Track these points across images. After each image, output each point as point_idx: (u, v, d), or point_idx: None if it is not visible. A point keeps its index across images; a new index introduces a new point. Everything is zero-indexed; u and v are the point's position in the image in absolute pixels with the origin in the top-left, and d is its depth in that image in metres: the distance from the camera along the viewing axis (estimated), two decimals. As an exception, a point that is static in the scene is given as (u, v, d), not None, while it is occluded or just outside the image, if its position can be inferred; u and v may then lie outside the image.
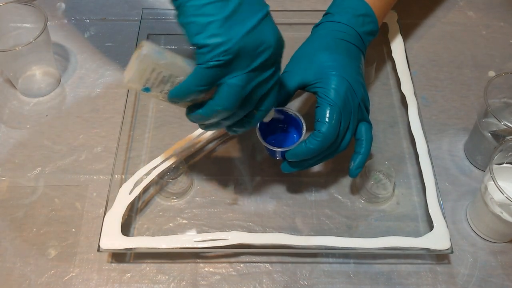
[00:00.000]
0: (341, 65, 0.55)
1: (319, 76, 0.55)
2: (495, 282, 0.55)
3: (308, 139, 0.53)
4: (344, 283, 0.55)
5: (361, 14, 0.58)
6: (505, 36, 0.76)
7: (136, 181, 0.58)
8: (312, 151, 0.53)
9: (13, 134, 0.65)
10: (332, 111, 0.53)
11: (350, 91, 0.54)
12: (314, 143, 0.53)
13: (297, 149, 0.54)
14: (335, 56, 0.55)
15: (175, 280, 0.55)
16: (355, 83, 0.55)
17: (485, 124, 0.59)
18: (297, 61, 0.57)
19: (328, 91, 0.54)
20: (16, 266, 0.55)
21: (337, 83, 0.54)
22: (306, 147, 0.53)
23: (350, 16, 0.58)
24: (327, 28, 0.58)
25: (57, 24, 0.77)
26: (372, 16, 0.59)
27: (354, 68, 0.56)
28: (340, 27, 0.57)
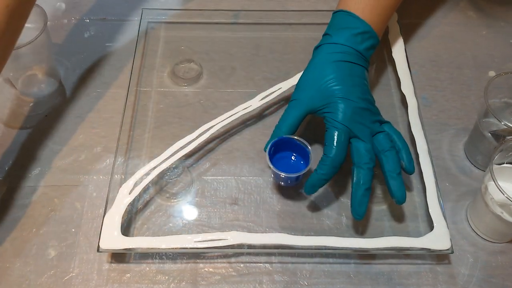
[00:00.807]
0: (346, 88, 0.57)
1: (325, 101, 0.57)
2: (496, 282, 0.55)
3: (318, 165, 0.55)
4: (344, 283, 0.54)
5: (359, 33, 0.59)
6: (505, 36, 0.76)
7: (136, 181, 0.58)
8: (324, 176, 0.55)
9: (13, 134, 0.65)
10: (340, 134, 0.55)
11: (357, 112, 0.56)
12: (324, 169, 0.55)
13: (311, 180, 0.55)
14: (339, 80, 0.57)
15: (175, 280, 0.54)
16: (362, 102, 0.56)
17: (485, 124, 0.59)
18: (303, 88, 0.59)
19: (335, 115, 0.55)
20: (15, 266, 0.55)
21: (344, 106, 0.56)
22: (317, 175, 0.55)
23: (348, 36, 0.59)
24: (327, 51, 0.59)
25: (57, 24, 0.77)
26: (370, 32, 0.60)
27: (359, 87, 0.57)
28: (340, 48, 0.58)
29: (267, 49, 0.73)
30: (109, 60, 0.73)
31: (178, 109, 0.67)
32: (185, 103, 0.68)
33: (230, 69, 0.71)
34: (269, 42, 0.74)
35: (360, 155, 0.55)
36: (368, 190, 0.54)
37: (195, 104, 0.68)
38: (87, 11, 0.79)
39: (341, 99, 0.56)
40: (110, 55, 0.73)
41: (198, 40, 0.74)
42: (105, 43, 0.74)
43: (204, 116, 0.65)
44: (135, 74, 0.69)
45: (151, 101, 0.68)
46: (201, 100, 0.68)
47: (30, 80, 0.69)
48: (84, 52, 0.74)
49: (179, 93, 0.69)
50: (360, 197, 0.54)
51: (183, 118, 0.66)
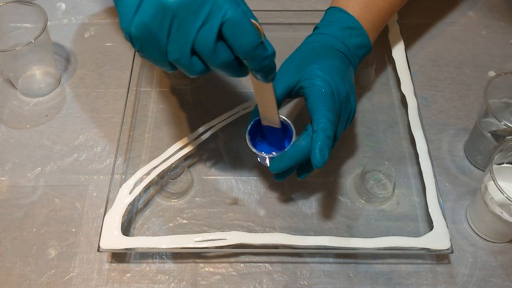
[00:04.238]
0: (324, 65, 0.54)
1: (303, 74, 0.53)
2: (495, 282, 0.55)
3: (318, 128, 0.50)
4: (344, 283, 0.55)
5: (347, 27, 0.58)
6: (505, 36, 0.76)
7: (136, 181, 0.58)
8: (331, 133, 0.50)
9: (13, 134, 0.65)
10: (326, 89, 0.51)
11: (334, 85, 0.53)
12: (327, 127, 0.50)
13: (320, 145, 0.50)
14: (318, 58, 0.54)
15: (175, 280, 0.55)
16: (338, 79, 0.53)
17: (485, 124, 0.59)
18: (283, 69, 0.56)
19: (314, 80, 0.52)
20: (16, 266, 0.55)
21: (321, 74, 0.53)
22: (322, 135, 0.50)
23: (336, 28, 0.58)
24: (313, 39, 0.58)
25: (57, 24, 0.77)
26: (359, 29, 0.58)
27: (339, 69, 0.54)
28: (327, 38, 0.57)
29: (267, 49, 0.73)
30: (109, 60, 0.73)
31: (178, 109, 0.67)
32: (185, 103, 0.68)
33: (230, 69, 0.71)
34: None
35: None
36: (330, 138, 0.50)
37: (195, 104, 0.68)
38: (87, 11, 0.79)
39: (317, 69, 0.53)
40: (110, 55, 0.73)
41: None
42: (105, 43, 0.75)
43: (204, 116, 0.65)
44: (135, 74, 0.69)
45: (151, 101, 0.68)
46: (201, 100, 0.68)
47: (30, 80, 0.69)
48: (84, 52, 0.74)
49: (179, 93, 0.69)
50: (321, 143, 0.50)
51: (183, 118, 0.66)
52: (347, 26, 0.58)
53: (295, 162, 0.52)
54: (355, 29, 0.58)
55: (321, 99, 0.51)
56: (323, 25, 0.59)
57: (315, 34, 0.59)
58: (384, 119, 0.66)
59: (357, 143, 0.64)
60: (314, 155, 0.49)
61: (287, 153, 0.52)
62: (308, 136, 0.51)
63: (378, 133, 0.65)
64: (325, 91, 0.51)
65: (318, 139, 0.50)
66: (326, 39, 0.57)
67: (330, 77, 0.53)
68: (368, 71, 0.68)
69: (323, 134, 0.50)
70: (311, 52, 0.56)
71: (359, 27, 0.58)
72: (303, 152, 0.51)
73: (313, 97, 0.52)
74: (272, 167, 0.53)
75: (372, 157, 0.63)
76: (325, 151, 0.49)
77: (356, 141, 0.64)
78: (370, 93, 0.69)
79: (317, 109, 0.51)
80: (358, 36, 0.58)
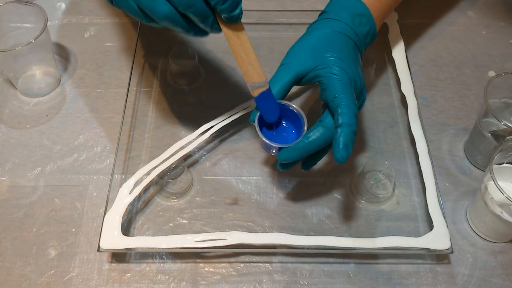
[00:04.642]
0: (340, 53, 0.53)
1: (319, 61, 0.52)
2: (495, 282, 0.55)
3: (342, 121, 0.48)
4: (344, 283, 0.55)
5: (357, 14, 0.56)
6: (505, 36, 0.76)
7: (136, 181, 0.58)
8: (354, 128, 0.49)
9: (13, 134, 0.65)
10: (346, 86, 0.50)
11: (352, 75, 0.52)
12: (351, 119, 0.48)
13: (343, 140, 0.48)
14: (333, 46, 0.53)
15: (175, 280, 0.55)
16: (355, 69, 0.53)
17: (485, 124, 0.59)
18: (294, 52, 0.54)
19: (333, 69, 0.51)
20: (16, 266, 0.55)
21: (339, 63, 0.52)
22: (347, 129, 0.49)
23: (346, 14, 0.56)
24: (323, 24, 0.56)
25: (57, 24, 0.77)
26: (368, 16, 0.57)
27: (353, 58, 0.54)
28: (337, 23, 0.55)
29: (267, 49, 0.73)
30: (109, 60, 0.73)
31: (178, 109, 0.67)
32: (185, 103, 0.68)
33: (230, 69, 0.71)
34: (269, 42, 0.74)
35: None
36: (354, 133, 0.49)
37: (195, 104, 0.68)
38: (87, 11, 0.79)
39: (334, 58, 0.51)
40: (110, 55, 0.73)
41: (198, 40, 0.74)
42: (105, 43, 0.75)
43: (204, 116, 0.65)
44: (135, 74, 0.69)
45: (151, 101, 0.68)
46: (201, 100, 0.68)
47: (30, 80, 0.69)
48: (84, 52, 0.74)
49: (179, 93, 0.69)
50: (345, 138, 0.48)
51: (183, 118, 0.66)
52: (357, 13, 0.56)
53: (306, 153, 0.51)
54: (365, 16, 0.56)
55: (343, 91, 0.50)
56: (332, 10, 0.57)
57: (324, 19, 0.57)
58: (384, 119, 0.66)
59: (357, 143, 0.64)
60: (338, 150, 0.48)
61: (300, 145, 0.50)
62: (323, 127, 0.50)
63: (378, 133, 0.65)
64: (345, 81, 0.50)
65: (343, 133, 0.48)
66: (338, 25, 0.55)
67: (347, 65, 0.51)
68: (368, 71, 0.68)
69: (349, 129, 0.48)
70: (325, 38, 0.54)
71: (368, 14, 0.57)
72: (318, 145, 0.50)
73: (334, 88, 0.50)
74: (281, 157, 0.51)
75: (372, 157, 0.63)
76: (350, 146, 0.48)
77: (356, 141, 0.64)
78: (370, 93, 0.69)
79: (340, 101, 0.49)
80: (366, 24, 0.57)
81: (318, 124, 0.50)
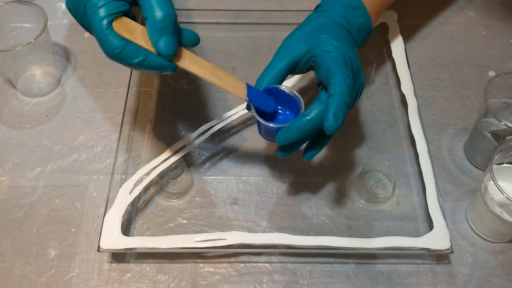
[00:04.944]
0: (334, 35, 0.52)
1: (312, 43, 0.51)
2: (495, 282, 0.55)
3: (334, 91, 0.47)
4: (344, 283, 0.55)
5: (351, 6, 0.56)
6: (505, 36, 0.76)
7: (136, 181, 0.58)
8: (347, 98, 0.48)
9: (13, 134, 0.65)
10: (339, 60, 0.49)
11: (347, 54, 0.51)
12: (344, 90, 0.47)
13: (334, 108, 0.47)
14: (327, 30, 0.52)
15: (175, 280, 0.55)
16: (349, 49, 0.52)
17: (485, 124, 0.59)
18: (288, 41, 0.53)
19: (327, 47, 0.50)
20: (16, 266, 0.55)
21: (333, 42, 0.51)
22: (338, 99, 0.47)
23: (340, 7, 0.55)
24: (318, 15, 0.56)
25: (57, 24, 0.77)
26: (362, 9, 0.57)
27: (348, 42, 0.53)
28: (331, 15, 0.55)
29: (267, 49, 0.73)
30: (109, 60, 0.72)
31: (178, 109, 0.67)
32: (185, 103, 0.68)
33: (230, 69, 0.71)
34: (269, 42, 0.74)
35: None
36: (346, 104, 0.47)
37: (195, 104, 0.68)
38: (87, 11, 0.78)
39: (328, 38, 0.51)
40: (110, 55, 0.73)
41: (198, 40, 0.74)
42: (105, 43, 0.74)
43: (204, 116, 0.65)
44: (135, 74, 0.69)
45: (152, 101, 0.68)
46: (201, 100, 0.68)
47: (30, 80, 0.69)
48: (84, 52, 0.74)
49: (179, 93, 0.69)
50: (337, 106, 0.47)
51: (183, 118, 0.66)
52: (351, 5, 0.56)
53: (304, 133, 0.49)
54: (359, 9, 0.56)
55: (337, 65, 0.49)
56: (326, 4, 0.57)
57: (318, 11, 0.56)
58: (384, 119, 0.66)
59: (357, 143, 0.64)
60: (327, 119, 0.46)
61: (296, 123, 0.48)
62: (320, 103, 0.48)
63: (378, 133, 0.65)
64: (339, 57, 0.49)
65: (333, 102, 0.47)
66: (331, 15, 0.55)
67: (341, 45, 0.51)
68: (368, 71, 0.68)
69: (340, 98, 0.47)
70: (318, 25, 0.53)
71: (362, 7, 0.56)
72: (315, 122, 0.48)
73: (328, 63, 0.49)
74: (279, 138, 0.49)
75: (372, 157, 0.63)
76: (340, 116, 0.47)
77: (356, 141, 0.64)
78: (370, 93, 0.69)
79: (333, 73, 0.48)
80: (361, 17, 0.56)
81: (314, 101, 0.49)
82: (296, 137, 0.49)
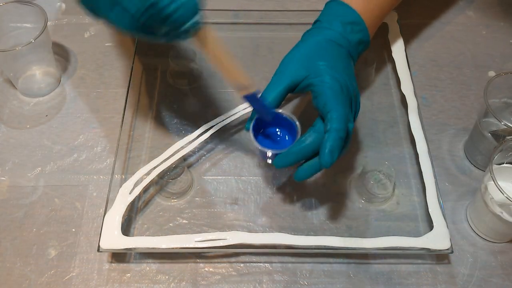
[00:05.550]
0: (332, 62, 0.54)
1: (311, 70, 0.53)
2: (495, 282, 0.55)
3: (331, 125, 0.49)
4: (344, 283, 0.55)
5: (349, 22, 0.58)
6: (505, 36, 0.76)
7: (136, 181, 0.58)
8: (343, 133, 0.50)
9: (13, 134, 0.65)
10: (335, 87, 0.51)
11: (343, 82, 0.53)
12: (340, 124, 0.49)
13: (330, 144, 0.49)
14: (325, 54, 0.54)
15: (175, 280, 0.55)
16: (346, 77, 0.53)
17: (485, 124, 0.59)
18: (288, 62, 0.56)
19: (324, 78, 0.52)
20: (16, 266, 0.55)
21: (330, 72, 0.53)
22: (335, 134, 0.49)
23: (339, 23, 0.57)
24: (316, 32, 0.58)
25: (57, 24, 0.77)
26: (361, 24, 0.58)
27: (345, 66, 0.55)
28: (329, 32, 0.57)
29: (267, 49, 0.73)
30: (109, 60, 0.73)
31: (178, 109, 0.67)
32: (185, 103, 0.68)
33: (230, 69, 0.71)
34: (269, 42, 0.74)
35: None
36: (342, 139, 0.50)
37: (195, 104, 0.68)
38: (87, 11, 0.78)
39: (326, 67, 0.53)
40: (110, 55, 0.73)
41: (198, 40, 0.74)
42: (105, 43, 0.74)
43: (204, 116, 0.65)
44: (135, 74, 0.69)
45: (152, 101, 0.68)
46: (201, 100, 0.68)
47: (30, 80, 0.69)
48: (84, 52, 0.74)
49: (179, 93, 0.69)
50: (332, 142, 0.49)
51: (183, 118, 0.66)
52: (349, 21, 0.57)
53: (300, 159, 0.52)
54: (357, 24, 0.58)
55: (334, 97, 0.51)
56: (325, 19, 0.58)
57: (317, 28, 0.58)
58: (384, 119, 0.66)
59: (357, 143, 0.64)
60: (323, 155, 0.49)
61: (292, 150, 0.51)
62: (315, 132, 0.51)
63: (378, 133, 0.65)
64: (336, 89, 0.51)
65: (330, 138, 0.49)
66: (329, 33, 0.56)
67: (338, 74, 0.52)
68: (368, 71, 0.68)
69: (336, 134, 0.49)
70: (316, 46, 0.55)
71: (360, 22, 0.58)
72: (309, 149, 0.51)
73: (325, 95, 0.51)
74: (276, 163, 0.53)
75: (372, 157, 0.63)
76: (335, 152, 0.49)
77: (356, 141, 0.64)
78: (370, 93, 0.69)
79: (330, 107, 0.50)
80: (359, 32, 0.58)
81: (310, 129, 0.52)
82: (292, 163, 0.52)
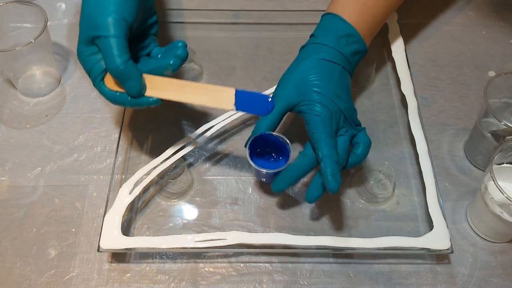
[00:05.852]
0: (324, 83, 0.56)
1: (302, 96, 0.56)
2: (495, 282, 0.55)
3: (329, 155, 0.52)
4: (344, 283, 0.55)
5: (343, 35, 0.59)
6: (505, 36, 0.76)
7: (136, 181, 0.58)
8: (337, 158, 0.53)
9: (13, 134, 0.65)
10: (324, 121, 0.54)
11: (334, 109, 0.55)
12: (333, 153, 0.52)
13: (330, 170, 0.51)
14: (317, 76, 0.56)
15: (175, 280, 0.55)
16: (335, 98, 0.55)
17: (485, 124, 0.59)
18: (283, 84, 0.58)
19: (314, 106, 0.55)
20: (16, 266, 0.55)
21: (321, 99, 0.55)
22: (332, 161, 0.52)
23: (333, 37, 0.59)
24: (310, 50, 0.59)
25: (57, 24, 0.77)
26: (355, 36, 0.59)
27: (337, 84, 0.56)
28: (323, 49, 0.58)
29: (267, 49, 0.73)
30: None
31: (178, 109, 0.67)
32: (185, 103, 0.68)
33: (230, 69, 0.71)
34: (269, 42, 0.74)
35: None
36: (337, 162, 0.52)
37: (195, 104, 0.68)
38: (87, 11, 0.78)
39: (317, 94, 0.55)
40: (110, 55, 0.73)
41: (198, 40, 0.74)
42: (105, 43, 0.74)
43: (204, 116, 0.65)
44: (135, 74, 0.69)
45: (151, 101, 0.68)
46: (201, 100, 0.68)
47: (30, 80, 0.69)
48: (84, 52, 0.73)
49: (179, 93, 0.69)
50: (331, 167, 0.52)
51: (183, 118, 0.66)
52: (344, 34, 0.59)
53: (294, 182, 0.55)
54: (351, 36, 0.59)
55: (322, 126, 0.53)
56: (320, 34, 0.60)
57: (312, 44, 0.60)
58: (384, 119, 0.66)
59: (357, 143, 0.64)
60: (328, 182, 0.51)
61: (286, 175, 0.54)
62: (304, 155, 0.54)
63: (378, 133, 0.65)
64: (324, 118, 0.54)
65: (327, 165, 0.52)
66: (323, 51, 0.58)
67: (329, 100, 0.55)
68: (368, 71, 0.68)
69: (331, 160, 0.52)
70: (310, 69, 0.57)
71: (355, 33, 0.59)
72: (301, 173, 0.54)
73: (314, 124, 0.54)
74: (274, 187, 0.55)
75: (372, 157, 0.63)
76: (337, 175, 0.52)
77: (356, 141, 0.64)
78: (370, 93, 0.69)
79: (318, 137, 0.53)
80: (354, 43, 0.59)
81: (300, 155, 0.55)
82: (288, 186, 0.55)
